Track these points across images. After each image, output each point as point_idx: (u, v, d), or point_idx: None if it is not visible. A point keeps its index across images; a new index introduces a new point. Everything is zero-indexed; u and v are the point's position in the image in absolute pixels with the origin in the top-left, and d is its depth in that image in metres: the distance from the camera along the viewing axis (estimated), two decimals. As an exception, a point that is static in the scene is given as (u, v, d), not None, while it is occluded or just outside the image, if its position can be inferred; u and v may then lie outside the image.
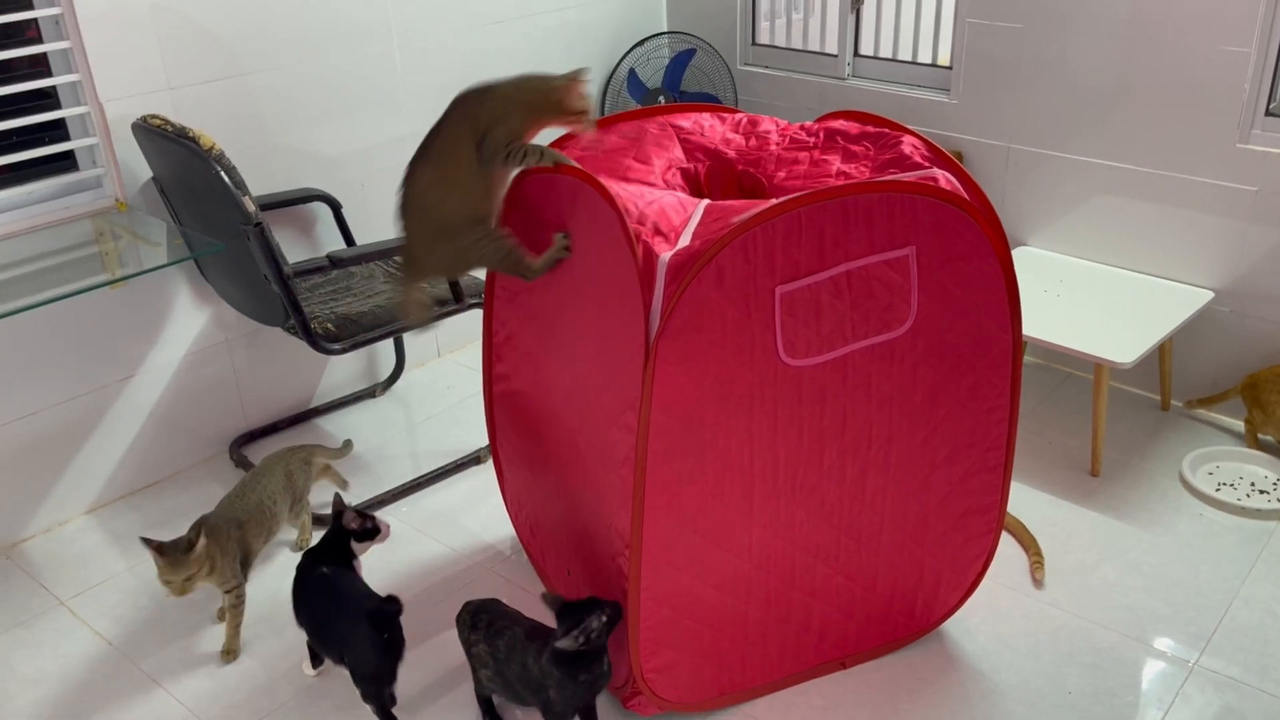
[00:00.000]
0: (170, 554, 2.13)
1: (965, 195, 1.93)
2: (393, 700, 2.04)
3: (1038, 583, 2.43)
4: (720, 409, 1.82)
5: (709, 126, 2.22)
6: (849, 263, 1.82)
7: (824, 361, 1.87)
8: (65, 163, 2.64)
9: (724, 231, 1.73)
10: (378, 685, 2.02)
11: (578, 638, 1.85)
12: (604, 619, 1.87)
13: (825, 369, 1.88)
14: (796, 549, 2.03)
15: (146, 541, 2.12)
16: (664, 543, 1.88)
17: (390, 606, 2.00)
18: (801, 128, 2.17)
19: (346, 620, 2.02)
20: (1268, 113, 2.75)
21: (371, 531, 2.18)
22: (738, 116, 2.25)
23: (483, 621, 2.03)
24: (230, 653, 2.29)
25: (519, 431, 2.35)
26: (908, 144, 2.00)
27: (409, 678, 2.22)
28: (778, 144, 2.15)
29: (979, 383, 2.03)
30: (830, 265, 1.81)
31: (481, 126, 1.92)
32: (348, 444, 2.76)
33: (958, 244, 1.90)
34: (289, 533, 2.63)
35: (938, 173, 1.93)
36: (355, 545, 2.18)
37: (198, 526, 2.21)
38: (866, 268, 1.84)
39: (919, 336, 1.93)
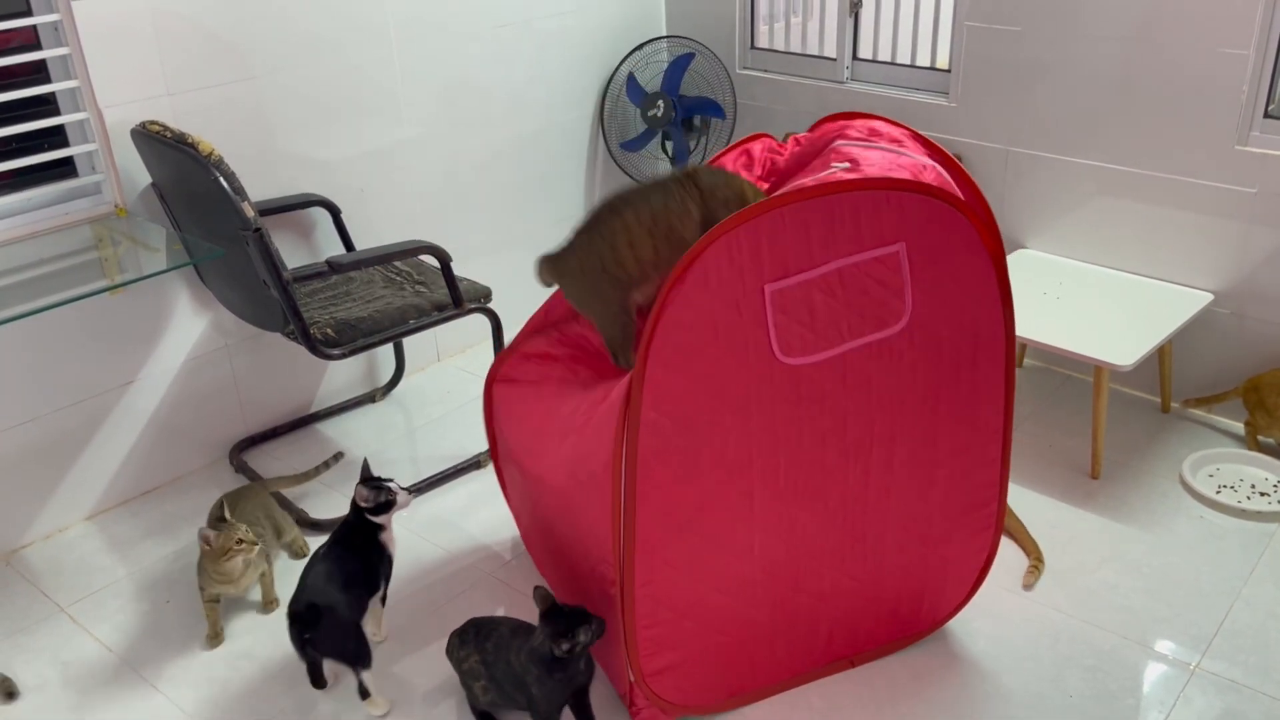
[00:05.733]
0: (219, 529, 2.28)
1: (956, 189, 1.93)
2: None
3: (1027, 586, 2.43)
4: (715, 409, 1.82)
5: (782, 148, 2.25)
6: (839, 260, 1.82)
7: (821, 360, 1.87)
8: (65, 169, 2.64)
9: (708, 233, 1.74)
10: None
11: (565, 646, 1.87)
12: (592, 633, 1.89)
13: (823, 368, 1.88)
14: (801, 553, 2.02)
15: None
16: (658, 542, 1.88)
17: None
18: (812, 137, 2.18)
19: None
20: (1266, 114, 2.75)
21: (387, 504, 2.19)
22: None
23: (470, 634, 2.05)
24: (272, 602, 2.44)
25: (514, 435, 2.36)
26: (899, 135, 2.02)
27: (409, 685, 2.21)
28: (797, 155, 2.17)
29: (976, 378, 2.03)
30: (820, 263, 1.81)
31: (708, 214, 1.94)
32: (336, 456, 2.79)
33: (948, 239, 1.89)
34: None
35: (927, 162, 1.93)
36: (376, 520, 2.21)
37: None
38: (858, 265, 1.84)
39: (915, 333, 1.93)
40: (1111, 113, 2.96)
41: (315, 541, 2.63)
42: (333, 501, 2.82)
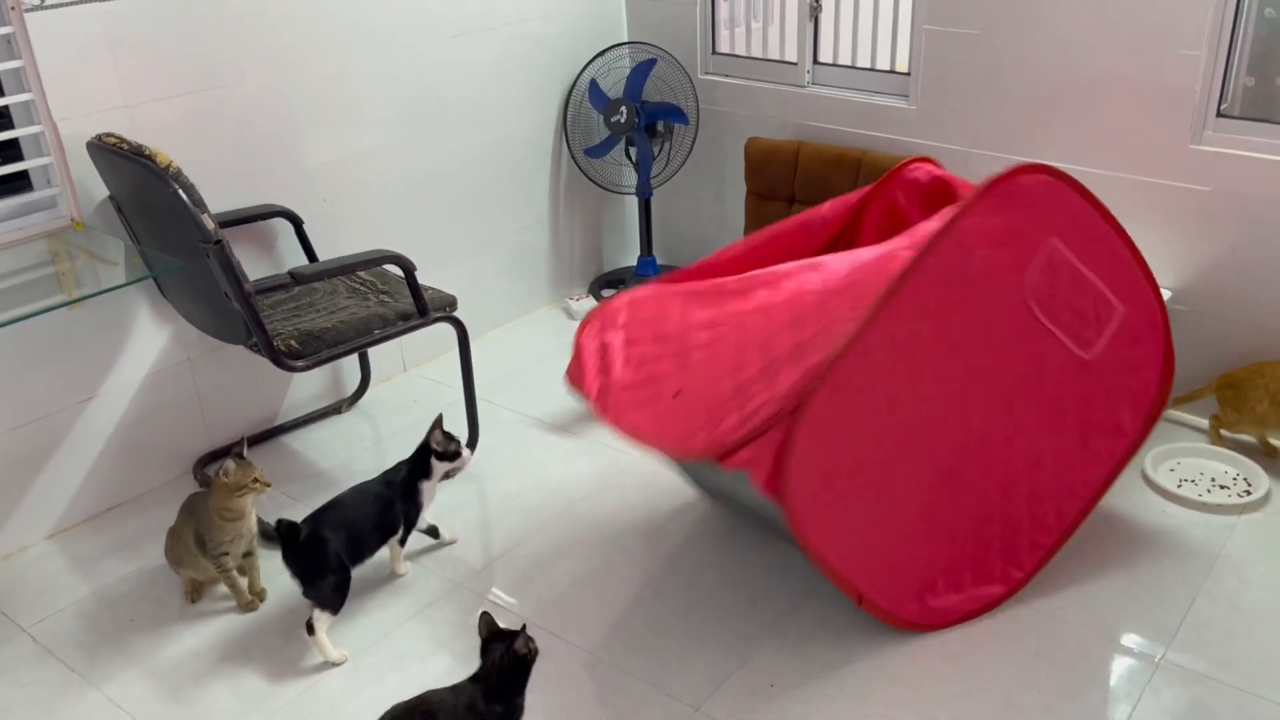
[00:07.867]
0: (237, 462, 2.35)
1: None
2: None
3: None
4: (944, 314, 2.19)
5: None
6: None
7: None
8: (19, 183, 2.61)
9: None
10: None
11: (523, 644, 1.88)
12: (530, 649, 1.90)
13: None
14: (975, 428, 2.28)
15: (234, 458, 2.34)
16: (882, 343, 2.11)
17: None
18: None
19: None
20: (1219, 114, 2.79)
21: (454, 454, 2.47)
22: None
23: None
24: (259, 592, 2.49)
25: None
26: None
27: (380, 701, 2.20)
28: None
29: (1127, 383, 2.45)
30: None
31: None
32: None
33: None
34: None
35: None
36: (435, 463, 2.46)
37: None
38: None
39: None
40: (1068, 113, 3.00)
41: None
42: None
